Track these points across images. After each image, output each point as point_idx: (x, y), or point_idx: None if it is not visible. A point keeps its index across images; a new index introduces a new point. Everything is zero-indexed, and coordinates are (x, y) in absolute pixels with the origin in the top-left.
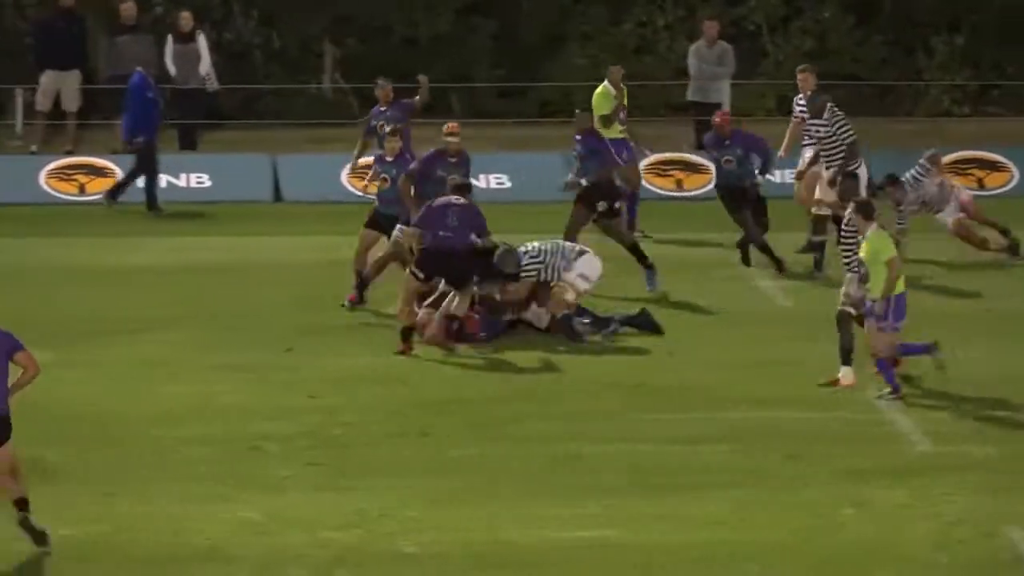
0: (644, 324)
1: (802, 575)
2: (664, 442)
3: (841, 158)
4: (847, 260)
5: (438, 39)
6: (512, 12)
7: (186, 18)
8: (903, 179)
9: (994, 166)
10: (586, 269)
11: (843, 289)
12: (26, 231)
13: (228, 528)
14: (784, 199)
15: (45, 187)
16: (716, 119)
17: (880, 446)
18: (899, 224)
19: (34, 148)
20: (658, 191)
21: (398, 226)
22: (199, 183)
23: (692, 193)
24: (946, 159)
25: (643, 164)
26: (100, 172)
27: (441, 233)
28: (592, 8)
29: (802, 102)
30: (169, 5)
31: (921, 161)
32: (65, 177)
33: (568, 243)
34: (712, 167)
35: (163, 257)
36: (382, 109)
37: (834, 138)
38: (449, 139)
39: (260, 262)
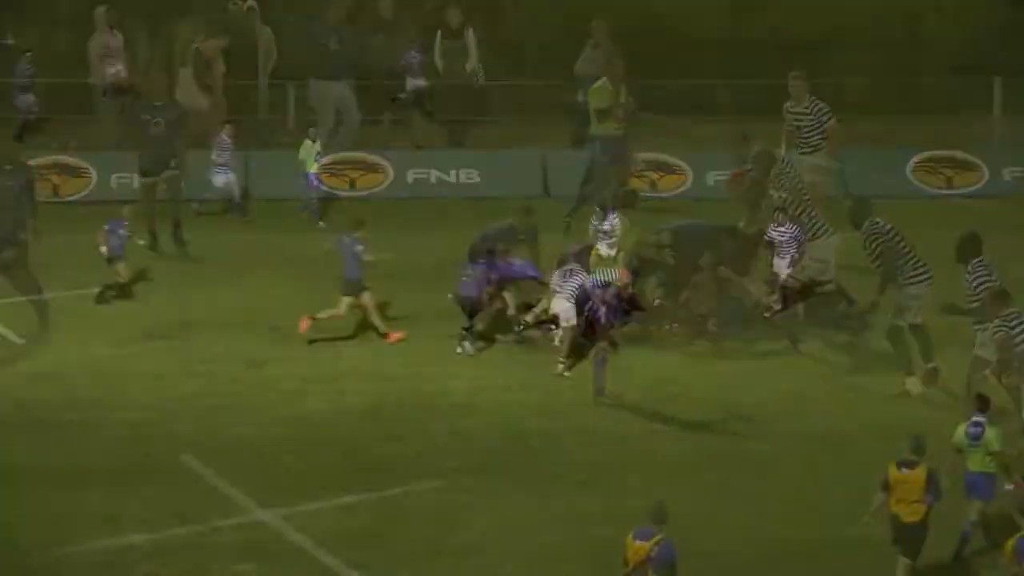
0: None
1: None
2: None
3: None
4: None
5: (709, 37)
6: (787, 11)
7: (454, 14)
8: None
9: None
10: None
11: None
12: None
13: (494, 523)
14: None
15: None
16: None
17: None
18: None
19: None
20: (928, 189)
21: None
22: (469, 179)
23: (962, 191)
24: None
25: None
26: (372, 168)
27: None
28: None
29: (795, 109)
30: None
31: None
32: (336, 172)
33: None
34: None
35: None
36: (157, 104)
37: None
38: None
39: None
